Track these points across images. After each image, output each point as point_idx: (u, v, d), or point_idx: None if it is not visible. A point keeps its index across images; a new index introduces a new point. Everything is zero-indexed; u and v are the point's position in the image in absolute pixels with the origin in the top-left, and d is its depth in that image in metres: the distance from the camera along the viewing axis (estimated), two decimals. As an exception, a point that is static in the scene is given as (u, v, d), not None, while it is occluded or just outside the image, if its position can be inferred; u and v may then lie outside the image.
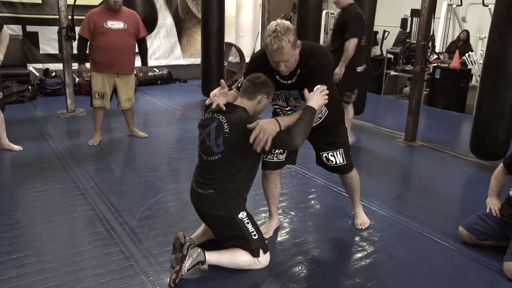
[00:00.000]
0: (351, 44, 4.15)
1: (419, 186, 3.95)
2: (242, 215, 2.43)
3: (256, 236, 2.44)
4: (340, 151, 2.78)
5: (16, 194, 3.45)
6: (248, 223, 2.43)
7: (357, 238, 2.94)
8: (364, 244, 2.87)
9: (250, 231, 2.42)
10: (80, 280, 2.36)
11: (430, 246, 2.85)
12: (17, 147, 4.37)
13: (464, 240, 2.84)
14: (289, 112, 2.59)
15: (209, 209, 2.43)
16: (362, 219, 3.07)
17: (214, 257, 2.39)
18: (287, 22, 2.32)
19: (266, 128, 2.19)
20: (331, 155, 2.78)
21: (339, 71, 4.20)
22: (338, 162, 2.80)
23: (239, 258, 2.42)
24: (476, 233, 2.79)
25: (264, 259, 2.47)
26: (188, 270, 2.31)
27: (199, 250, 2.34)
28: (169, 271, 2.41)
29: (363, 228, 3.03)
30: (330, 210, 3.34)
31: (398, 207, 3.40)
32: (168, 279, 2.31)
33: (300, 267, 2.57)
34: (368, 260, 2.69)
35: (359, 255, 2.75)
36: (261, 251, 2.45)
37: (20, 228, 2.90)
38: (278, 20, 2.33)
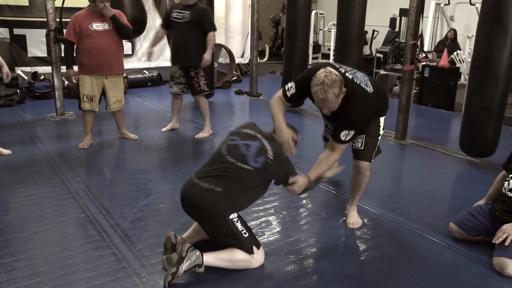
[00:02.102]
0: (214, 35, 4.87)
1: (410, 183, 3.98)
2: (232, 216, 2.43)
3: (247, 235, 2.44)
4: (362, 137, 2.94)
5: (6, 198, 3.42)
6: (237, 221, 2.43)
7: (349, 237, 2.96)
8: (357, 242, 2.89)
9: (240, 229, 2.42)
10: (72, 284, 2.35)
11: (421, 243, 2.88)
12: (6, 151, 4.33)
13: (455, 236, 2.87)
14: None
15: (203, 202, 2.40)
16: (354, 219, 3.08)
17: (212, 259, 2.39)
18: (335, 73, 2.51)
19: (297, 189, 2.61)
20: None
21: (208, 56, 4.83)
22: (358, 146, 2.95)
23: (236, 257, 2.43)
24: (467, 229, 2.82)
25: (259, 256, 2.49)
26: (184, 272, 2.31)
27: (197, 253, 2.33)
28: (162, 272, 2.41)
29: (354, 227, 3.04)
30: (322, 209, 3.36)
31: (390, 205, 3.43)
32: (162, 281, 2.30)
33: (292, 266, 2.58)
34: (360, 258, 2.70)
35: (352, 253, 2.77)
36: (254, 248, 2.46)
37: (10, 232, 2.88)
38: (328, 69, 2.54)
